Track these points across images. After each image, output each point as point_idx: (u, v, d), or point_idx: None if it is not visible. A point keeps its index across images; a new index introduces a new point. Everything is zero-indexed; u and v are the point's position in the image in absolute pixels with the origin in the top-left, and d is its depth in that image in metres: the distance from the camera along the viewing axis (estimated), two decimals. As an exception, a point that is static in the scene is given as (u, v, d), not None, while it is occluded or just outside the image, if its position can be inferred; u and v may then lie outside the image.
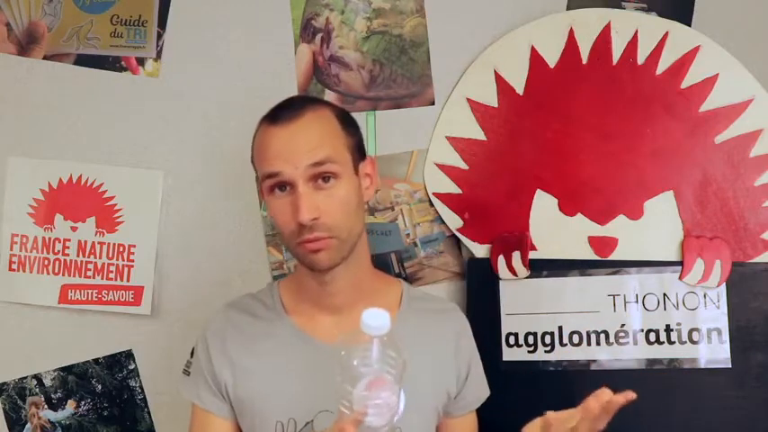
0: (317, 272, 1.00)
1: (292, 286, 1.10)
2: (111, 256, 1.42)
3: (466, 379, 1.11)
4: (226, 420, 1.06)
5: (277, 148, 0.97)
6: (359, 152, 1.04)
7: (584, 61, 1.36)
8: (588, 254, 1.35)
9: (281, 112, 1.00)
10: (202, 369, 1.06)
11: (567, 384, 1.32)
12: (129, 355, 1.44)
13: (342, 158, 0.98)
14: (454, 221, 1.39)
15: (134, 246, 1.42)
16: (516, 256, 1.35)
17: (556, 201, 1.36)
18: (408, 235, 1.42)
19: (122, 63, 1.44)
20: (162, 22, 1.44)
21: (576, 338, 1.33)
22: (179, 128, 1.44)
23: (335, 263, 0.99)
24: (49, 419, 1.45)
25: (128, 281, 1.42)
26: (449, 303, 1.20)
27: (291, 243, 0.99)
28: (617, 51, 1.35)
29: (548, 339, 1.34)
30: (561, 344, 1.33)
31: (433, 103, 1.42)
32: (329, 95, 1.42)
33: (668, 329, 1.31)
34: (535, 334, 1.34)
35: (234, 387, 1.03)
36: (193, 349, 1.11)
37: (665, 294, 1.32)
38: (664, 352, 1.31)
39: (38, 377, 1.44)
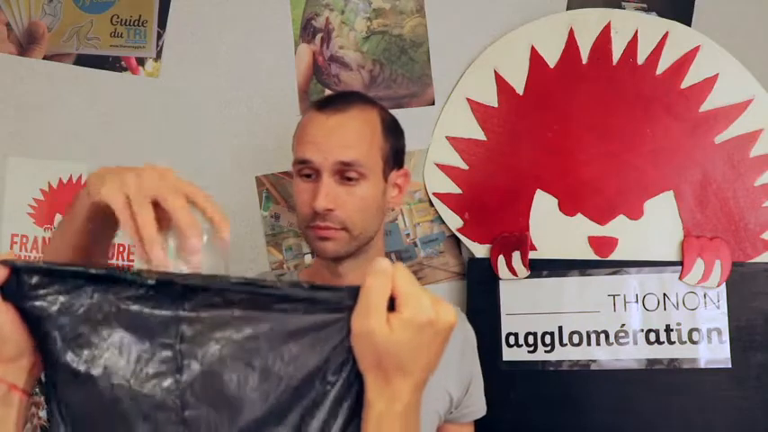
0: (326, 260, 1.03)
1: (309, 276, 1.12)
2: (111, 256, 1.42)
3: (468, 387, 1.10)
4: None
5: (314, 135, 0.99)
6: (394, 160, 1.05)
7: (584, 61, 1.36)
8: (588, 254, 1.34)
9: (330, 101, 1.04)
10: None
11: (567, 384, 1.32)
12: (129, 355, 1.44)
13: (371, 162, 1.00)
14: (454, 221, 1.39)
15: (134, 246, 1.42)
16: (516, 256, 1.35)
17: (556, 201, 1.36)
18: (408, 235, 1.42)
19: (122, 63, 1.44)
20: (162, 22, 1.44)
21: (576, 338, 1.33)
22: (179, 128, 1.44)
23: (340, 254, 1.00)
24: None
25: (128, 281, 1.42)
26: (457, 310, 1.19)
27: (303, 226, 1.02)
28: (617, 51, 1.35)
29: (548, 339, 1.34)
30: (561, 344, 1.33)
31: (433, 103, 1.42)
32: (329, 95, 1.42)
33: (668, 329, 1.31)
34: (535, 334, 1.34)
35: None
36: None
37: (665, 294, 1.31)
38: (664, 352, 1.31)
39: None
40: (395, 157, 1.05)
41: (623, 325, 1.32)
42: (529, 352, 1.34)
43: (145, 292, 0.59)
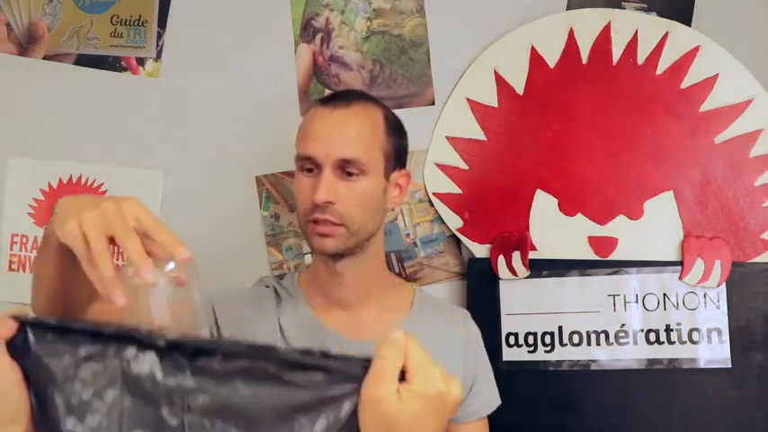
0: (326, 258, 1.03)
1: (309, 276, 1.12)
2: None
3: (472, 386, 1.10)
4: None
5: (316, 131, 1.00)
6: (396, 159, 1.06)
7: (584, 61, 1.36)
8: (588, 254, 1.34)
9: (334, 97, 1.05)
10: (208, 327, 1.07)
11: (567, 384, 1.32)
12: (129, 355, 1.44)
13: (372, 160, 1.00)
14: (454, 221, 1.39)
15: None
16: (516, 256, 1.35)
17: (556, 201, 1.36)
18: (408, 235, 1.42)
19: (122, 63, 1.44)
20: (162, 22, 1.44)
21: (576, 338, 1.33)
22: (179, 128, 1.44)
23: (340, 251, 1.01)
24: (49, 419, 1.44)
25: (128, 281, 1.42)
26: (461, 310, 1.19)
27: (303, 221, 1.02)
28: (617, 51, 1.35)
29: (548, 339, 1.34)
30: (561, 344, 1.33)
31: (433, 103, 1.42)
32: (329, 95, 1.42)
33: (668, 329, 1.31)
34: (535, 334, 1.34)
35: None
36: None
37: (665, 294, 1.32)
38: (664, 352, 1.31)
39: (38, 377, 1.44)
40: (397, 156, 1.06)
41: (623, 325, 1.32)
42: (529, 352, 1.34)
43: (152, 356, 0.58)
